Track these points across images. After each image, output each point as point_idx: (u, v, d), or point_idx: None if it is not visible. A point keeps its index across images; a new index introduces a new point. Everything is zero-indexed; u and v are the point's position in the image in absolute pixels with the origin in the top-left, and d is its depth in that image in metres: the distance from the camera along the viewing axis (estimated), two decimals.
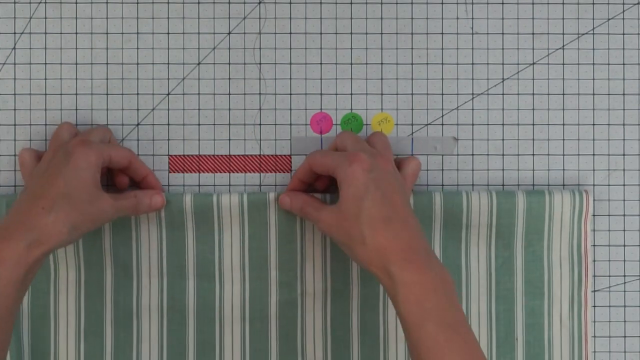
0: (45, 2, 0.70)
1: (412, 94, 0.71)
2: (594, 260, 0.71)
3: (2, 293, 0.56)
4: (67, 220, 0.60)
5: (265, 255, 0.68)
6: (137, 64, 0.70)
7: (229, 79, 0.70)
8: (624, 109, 0.71)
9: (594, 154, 0.71)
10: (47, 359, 0.69)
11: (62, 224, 0.59)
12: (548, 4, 0.71)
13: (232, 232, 0.68)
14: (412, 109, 0.71)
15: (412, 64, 0.71)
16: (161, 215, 0.68)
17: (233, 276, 0.69)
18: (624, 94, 0.71)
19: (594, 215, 0.71)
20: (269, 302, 0.69)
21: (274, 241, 0.68)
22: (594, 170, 0.71)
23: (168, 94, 0.70)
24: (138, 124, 0.70)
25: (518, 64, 0.71)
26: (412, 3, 0.71)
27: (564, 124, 0.71)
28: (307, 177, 0.67)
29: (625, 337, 0.71)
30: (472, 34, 0.71)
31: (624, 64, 0.71)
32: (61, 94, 0.70)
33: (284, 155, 0.71)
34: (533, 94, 0.71)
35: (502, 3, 0.71)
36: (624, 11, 0.71)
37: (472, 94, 0.71)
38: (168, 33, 0.70)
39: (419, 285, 0.58)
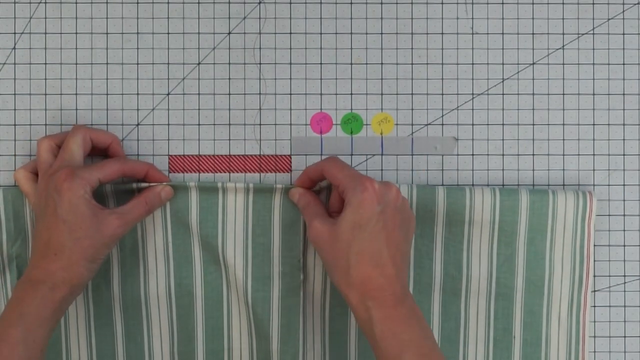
0: (45, 2, 0.70)
1: (412, 94, 0.71)
2: (594, 260, 0.71)
3: (30, 329, 0.60)
4: (82, 258, 0.62)
5: (269, 243, 0.69)
6: (137, 64, 0.70)
7: (229, 79, 0.70)
8: (624, 109, 0.71)
9: (594, 154, 0.71)
10: (59, 352, 0.69)
11: (77, 264, 0.61)
12: (548, 4, 0.71)
13: (235, 219, 0.68)
14: (412, 109, 0.71)
15: (412, 64, 0.71)
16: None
17: (236, 263, 0.68)
18: (624, 94, 0.71)
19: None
20: (271, 289, 0.69)
21: (277, 229, 0.69)
22: (594, 170, 0.71)
23: (168, 94, 0.70)
24: (138, 124, 0.70)
25: (518, 64, 0.71)
26: (412, 3, 0.71)
27: (564, 124, 0.71)
28: (317, 177, 0.67)
29: (625, 337, 0.71)
30: (472, 34, 0.71)
31: (624, 64, 0.71)
32: (61, 94, 0.70)
33: (284, 155, 0.71)
34: (533, 94, 0.71)
35: (502, 3, 0.71)
36: (624, 11, 0.71)
37: (472, 94, 0.71)
38: (168, 33, 0.70)
39: (395, 319, 0.60)
